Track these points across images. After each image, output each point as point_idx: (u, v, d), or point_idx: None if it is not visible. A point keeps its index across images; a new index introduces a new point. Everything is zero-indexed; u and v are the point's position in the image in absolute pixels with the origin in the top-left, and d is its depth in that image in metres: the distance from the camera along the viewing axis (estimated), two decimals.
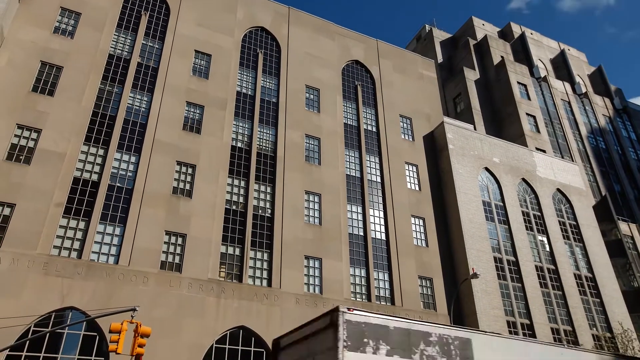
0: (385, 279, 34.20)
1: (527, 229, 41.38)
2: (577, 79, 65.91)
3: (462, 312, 35.17)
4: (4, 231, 25.08)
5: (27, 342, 23.09)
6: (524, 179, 44.16)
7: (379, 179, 38.38)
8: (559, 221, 43.64)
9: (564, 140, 56.02)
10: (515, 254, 39.12)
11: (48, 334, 23.57)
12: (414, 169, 40.33)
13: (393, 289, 33.84)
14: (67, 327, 23.88)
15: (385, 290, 33.78)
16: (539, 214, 43.00)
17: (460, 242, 37.00)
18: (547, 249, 41.40)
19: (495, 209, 40.78)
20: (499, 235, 39.40)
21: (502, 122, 55.45)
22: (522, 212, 42.12)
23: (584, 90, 63.60)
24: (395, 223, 36.52)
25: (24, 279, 24.21)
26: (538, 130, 54.14)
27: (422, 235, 37.37)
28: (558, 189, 45.71)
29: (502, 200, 41.59)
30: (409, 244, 36.11)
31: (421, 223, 37.87)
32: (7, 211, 25.58)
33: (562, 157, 53.11)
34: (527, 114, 54.76)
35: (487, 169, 42.55)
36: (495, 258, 37.97)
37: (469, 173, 40.92)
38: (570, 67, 65.77)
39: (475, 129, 50.59)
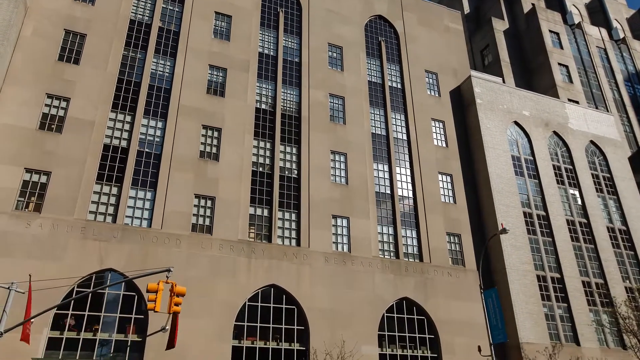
0: (413, 236, 34.33)
1: (558, 182, 40.55)
2: (615, 24, 62.51)
3: (490, 268, 35.20)
4: (43, 198, 26.07)
5: (72, 301, 24.35)
6: (555, 132, 42.93)
7: (405, 137, 37.94)
8: (592, 174, 42.55)
9: (598, 90, 53.83)
10: (545, 209, 38.54)
11: (90, 294, 24.78)
12: (441, 126, 39.64)
13: (421, 246, 33.99)
14: (107, 288, 25.03)
15: (413, 247, 33.98)
16: (571, 167, 41.97)
17: (489, 198, 36.62)
18: (579, 202, 40.60)
19: (524, 163, 39.97)
20: (529, 190, 38.76)
21: (533, 74, 53.52)
22: (553, 165, 41.18)
23: (621, 36, 60.41)
24: (422, 180, 36.30)
25: (65, 243, 25.31)
26: (571, 81, 52.10)
27: (450, 192, 37.09)
28: (591, 141, 44.32)
29: (532, 154, 40.68)
30: (436, 200, 35.95)
31: (448, 180, 37.52)
32: (43, 179, 26.50)
33: (597, 108, 51.18)
34: (559, 64, 52.62)
35: (516, 123, 41.46)
36: (524, 213, 37.52)
37: (498, 128, 39.99)
38: (607, 12, 62.35)
39: (504, 82, 49.06)
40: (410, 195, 35.75)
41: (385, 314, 30.75)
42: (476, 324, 31.95)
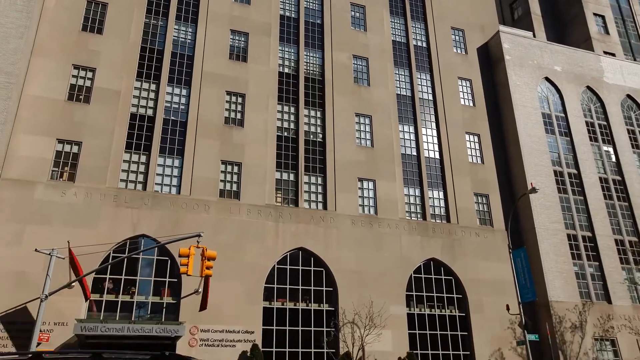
0: (440, 197, 34.11)
1: (590, 139, 39.31)
2: None
3: (519, 228, 34.83)
4: (75, 168, 26.83)
5: (109, 266, 25.35)
6: (588, 87, 41.31)
7: (430, 97, 37.18)
8: (628, 129, 41.03)
9: (637, 41, 51.20)
10: (577, 167, 37.57)
11: (126, 259, 25.72)
12: (468, 84, 38.61)
13: (448, 207, 33.80)
14: (141, 253, 25.90)
15: (440, 208, 33.81)
16: (605, 123, 40.54)
17: (518, 157, 35.87)
18: (613, 159, 39.39)
19: (555, 120, 38.78)
20: (560, 148, 37.75)
21: (565, 27, 51.17)
22: (586, 122, 39.84)
23: None
24: (449, 141, 35.73)
25: (98, 211, 26.15)
26: (607, 32, 49.64)
27: (477, 152, 36.46)
28: (628, 95, 42.53)
29: (564, 111, 39.39)
30: (463, 161, 35.44)
31: (476, 140, 36.82)
32: (75, 149, 27.19)
33: (635, 60, 48.83)
34: (595, 14, 50.06)
35: (547, 79, 40.03)
36: (555, 172, 36.68)
37: (528, 84, 38.71)
38: None
39: (534, 36, 47.14)
40: (437, 156, 35.31)
41: (413, 275, 31.01)
42: (504, 283, 31.93)
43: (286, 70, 33.89)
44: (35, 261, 23.63)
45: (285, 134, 32.11)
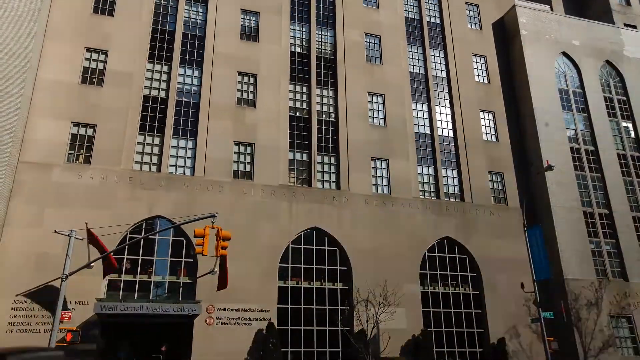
0: (454, 175, 33.88)
1: (609, 115, 38.51)
2: None
3: (534, 206, 34.52)
4: (91, 150, 27.12)
5: (126, 247, 25.77)
6: (608, 61, 40.31)
7: (444, 74, 36.64)
8: None
9: None
10: (594, 143, 36.92)
11: (143, 240, 26.11)
12: (482, 61, 37.93)
13: (462, 186, 33.57)
14: (157, 234, 26.26)
15: (454, 187, 33.60)
16: (624, 98, 39.62)
17: (534, 135, 35.33)
18: (632, 135, 38.61)
19: (573, 96, 38.01)
20: (577, 125, 37.08)
21: None
22: (605, 97, 38.99)
23: None
24: (463, 119, 35.30)
25: (115, 192, 26.50)
26: (628, 3, 48.14)
27: (492, 129, 35.99)
28: None
29: (582, 86, 38.56)
30: (478, 139, 35.05)
31: (491, 117, 36.32)
32: (90, 132, 27.45)
33: None
34: None
35: (564, 54, 39.12)
36: (572, 149, 36.11)
37: (544, 60, 37.88)
38: None
39: (552, 9, 45.91)
40: (451, 134, 34.95)
41: (427, 254, 31.04)
42: (519, 261, 31.81)
43: (298, 49, 33.60)
44: (55, 242, 24.10)
45: (298, 114, 32.00)
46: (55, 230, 23.18)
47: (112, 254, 22.89)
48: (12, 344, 22.50)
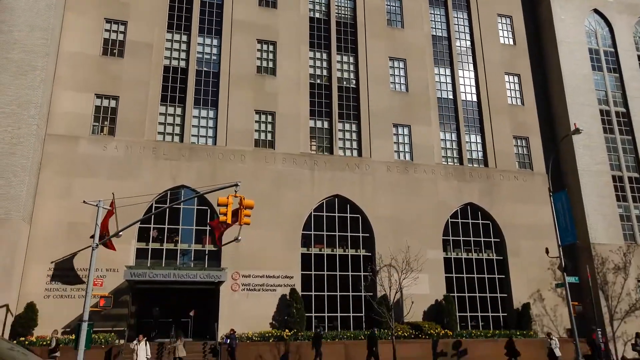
0: (478, 141, 33.32)
1: None
2: None
3: (561, 170, 33.82)
4: (114, 122, 27.51)
5: (152, 216, 26.35)
6: None
7: (468, 37, 35.59)
8: None
9: None
10: (625, 105, 35.66)
11: (168, 209, 26.64)
12: (508, 22, 36.64)
13: (486, 151, 33.03)
14: (182, 203, 26.75)
15: (478, 152, 33.10)
16: None
17: (561, 97, 34.29)
18: None
19: (604, 56, 36.57)
20: (607, 86, 35.79)
21: None
22: (638, 56, 37.36)
23: None
24: (487, 82, 34.44)
25: (139, 163, 26.97)
26: None
27: (517, 93, 35.06)
28: None
29: (614, 45, 37.00)
30: (502, 103, 34.23)
31: (516, 80, 35.32)
32: (112, 103, 27.79)
33: None
34: None
35: (596, 11, 37.46)
36: (601, 111, 34.98)
37: (574, 18, 36.36)
38: None
39: None
40: (474, 99, 34.21)
41: (450, 220, 30.91)
42: (543, 226, 31.43)
43: (317, 15, 33.00)
44: (84, 212, 24.74)
45: (318, 81, 31.69)
46: (84, 201, 23.73)
47: (118, 235, 23.15)
48: (50, 309, 23.59)
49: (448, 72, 34.33)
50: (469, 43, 35.39)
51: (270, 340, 24.79)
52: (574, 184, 32.61)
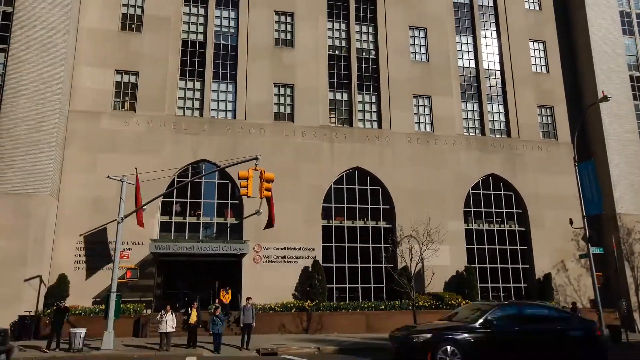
0: (500, 111, 32.65)
1: None
2: None
3: (587, 139, 32.98)
4: (135, 97, 27.76)
5: (175, 190, 26.78)
6: None
7: (491, 2, 34.49)
8: None
9: None
10: None
11: (190, 183, 27.00)
12: None
13: (509, 121, 32.38)
14: (203, 177, 27.06)
15: (500, 122, 32.46)
16: None
17: (589, 63, 33.16)
18: None
19: (636, 19, 35.04)
20: (639, 50, 34.40)
21: None
22: None
23: None
24: (511, 50, 33.47)
25: (160, 138, 27.27)
26: None
27: (542, 60, 34.03)
28: None
29: None
30: (526, 71, 33.32)
31: (541, 47, 34.24)
32: (133, 79, 27.99)
33: None
34: None
35: None
36: (631, 77, 33.76)
37: None
38: None
39: None
40: (497, 67, 33.36)
41: (471, 191, 30.62)
42: (567, 197, 30.88)
43: None
44: (109, 186, 25.20)
45: (337, 52, 31.27)
46: (108, 176, 24.23)
47: (143, 209, 23.74)
48: (79, 280, 24.43)
49: (470, 40, 33.46)
50: (492, 9, 34.32)
51: (292, 311, 25.26)
52: (600, 154, 31.82)
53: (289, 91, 29.73)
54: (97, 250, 25.13)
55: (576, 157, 26.78)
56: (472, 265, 28.79)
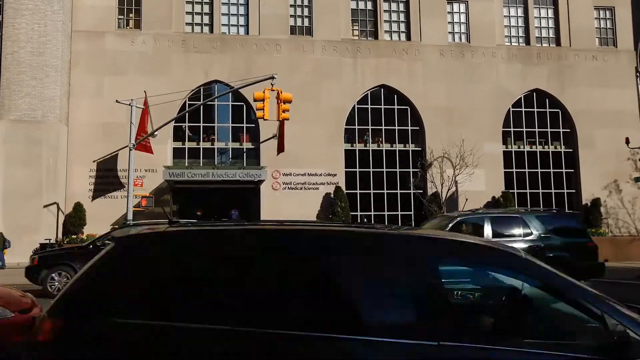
0: (549, 15, 28.59)
1: None
2: None
3: None
4: (140, 14, 25.73)
5: (187, 114, 25.24)
6: None
7: None
8: None
9: None
10: None
11: (202, 107, 25.35)
12: None
13: (559, 27, 28.37)
14: (216, 99, 25.28)
15: (549, 29, 28.53)
16: None
17: None
18: None
19: None
20: None
21: None
22: None
23: None
24: None
25: (169, 58, 25.43)
26: None
27: None
28: None
29: None
30: None
31: None
32: None
33: None
34: None
35: None
36: None
37: None
38: None
39: None
40: None
41: (511, 109, 27.57)
42: (624, 113, 27.42)
43: None
44: (118, 111, 23.87)
45: None
46: (116, 100, 22.93)
47: (153, 135, 22.28)
48: (94, 209, 23.92)
49: None
50: None
51: None
52: None
53: (306, 2, 26.83)
54: (110, 179, 24.40)
55: (639, 66, 23.19)
56: (510, 191, 26.41)
